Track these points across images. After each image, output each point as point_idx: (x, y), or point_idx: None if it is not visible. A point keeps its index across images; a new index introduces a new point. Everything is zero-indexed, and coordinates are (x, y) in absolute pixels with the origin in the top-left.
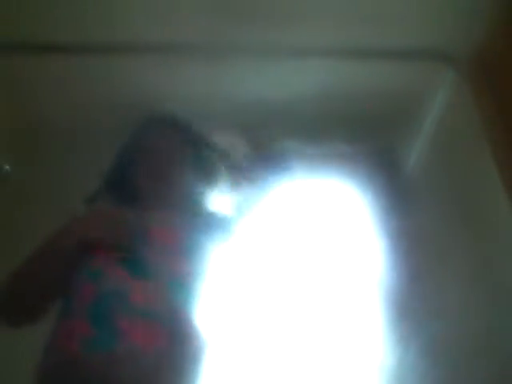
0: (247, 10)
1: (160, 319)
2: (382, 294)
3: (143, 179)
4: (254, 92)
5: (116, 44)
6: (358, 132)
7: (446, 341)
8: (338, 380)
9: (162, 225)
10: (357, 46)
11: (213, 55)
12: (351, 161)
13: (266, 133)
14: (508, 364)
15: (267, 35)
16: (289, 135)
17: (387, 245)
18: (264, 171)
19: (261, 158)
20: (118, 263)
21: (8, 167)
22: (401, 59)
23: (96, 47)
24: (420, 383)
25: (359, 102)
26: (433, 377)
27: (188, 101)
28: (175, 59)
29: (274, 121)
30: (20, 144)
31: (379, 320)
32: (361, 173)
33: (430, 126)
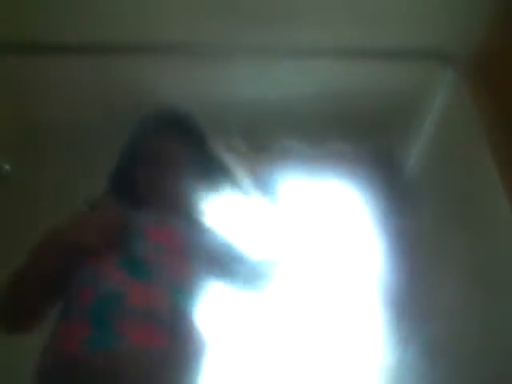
0: (247, 10)
1: (160, 320)
2: (382, 294)
3: (143, 181)
4: (254, 92)
5: (116, 44)
6: (358, 132)
7: (446, 341)
8: (338, 380)
9: (162, 226)
10: (356, 47)
11: (213, 55)
12: (351, 161)
13: (266, 132)
14: (508, 364)
15: (267, 35)
16: (288, 135)
17: (387, 245)
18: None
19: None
20: (117, 264)
21: (8, 167)
22: (400, 59)
23: (96, 47)
24: (419, 383)
25: (359, 102)
26: (432, 377)
27: (188, 101)
28: (175, 59)
29: (274, 121)
30: (20, 144)
31: (378, 320)
32: (360, 173)
33: (430, 126)
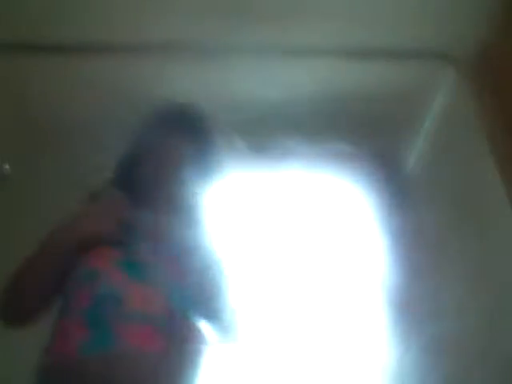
0: (247, 10)
1: (157, 323)
2: (383, 293)
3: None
4: (254, 92)
5: (116, 44)
6: (358, 132)
7: (449, 340)
8: (340, 379)
9: (162, 226)
10: (357, 46)
11: (212, 55)
12: (351, 160)
13: (266, 132)
14: (508, 364)
15: (267, 35)
16: (289, 135)
17: (388, 244)
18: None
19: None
20: (117, 264)
21: (8, 167)
22: (402, 59)
23: (96, 47)
24: (421, 382)
25: (359, 102)
26: (434, 376)
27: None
28: (175, 59)
29: (274, 120)
30: (20, 144)
31: (381, 319)
32: (361, 172)
33: (430, 126)
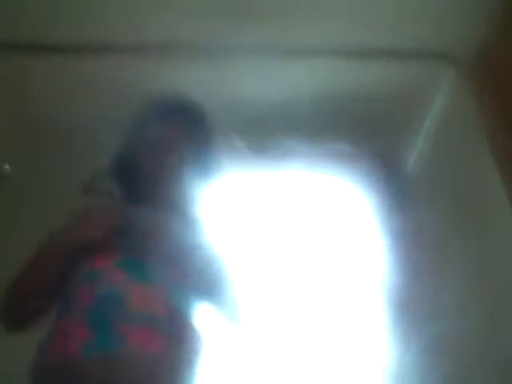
0: (247, 10)
1: (158, 324)
2: (383, 293)
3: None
4: (253, 92)
5: (115, 44)
6: (358, 132)
7: (449, 340)
8: (340, 379)
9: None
10: (357, 46)
11: (212, 55)
12: (351, 160)
13: (266, 132)
14: (508, 364)
15: (267, 35)
16: (288, 135)
17: (387, 244)
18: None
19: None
20: (117, 264)
21: (8, 167)
22: (402, 59)
23: (95, 47)
24: (421, 382)
25: (359, 102)
26: (434, 376)
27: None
28: (175, 59)
29: (274, 120)
30: (20, 144)
31: (381, 319)
32: (361, 172)
33: (430, 126)
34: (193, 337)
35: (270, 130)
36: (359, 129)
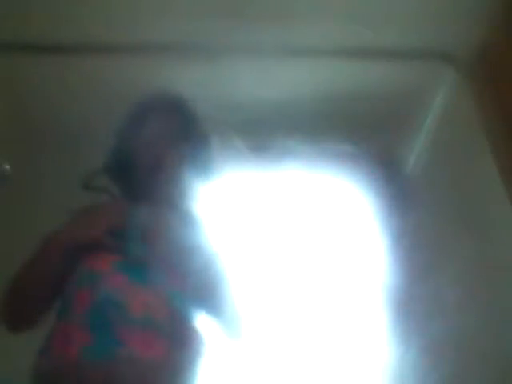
0: (246, 10)
1: (159, 328)
2: (383, 293)
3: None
4: (253, 92)
5: (116, 44)
6: (359, 132)
7: (449, 340)
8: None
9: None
10: (356, 46)
11: (212, 55)
12: (351, 161)
13: (266, 132)
14: (508, 364)
15: (267, 35)
16: (288, 135)
17: (387, 244)
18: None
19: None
20: (116, 267)
21: (8, 167)
22: (401, 59)
23: (96, 47)
24: (421, 382)
25: (359, 102)
26: (434, 376)
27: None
28: (174, 59)
29: (274, 120)
30: (20, 144)
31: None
32: (361, 172)
33: (430, 126)
34: (194, 340)
35: (270, 130)
36: (359, 129)
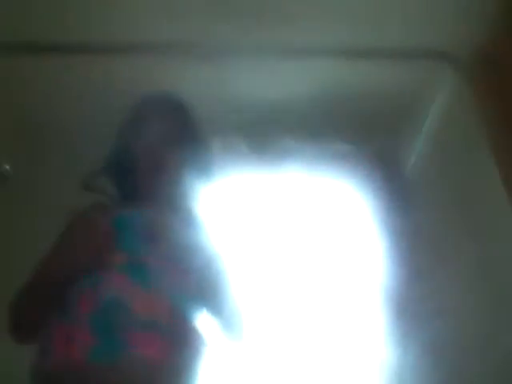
0: (247, 10)
1: (162, 330)
2: (383, 293)
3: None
4: (254, 92)
5: (116, 44)
6: (358, 132)
7: (449, 340)
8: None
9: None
10: (356, 46)
11: (212, 55)
12: (351, 160)
13: (265, 132)
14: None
15: (267, 35)
16: (288, 135)
17: (387, 245)
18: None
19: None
20: (120, 269)
21: (8, 167)
22: (401, 59)
23: (96, 47)
24: (421, 382)
25: (359, 102)
26: (433, 377)
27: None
28: (175, 59)
29: (274, 120)
30: (20, 144)
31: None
32: (360, 173)
33: (430, 126)
34: (197, 341)
35: (270, 130)
36: (359, 129)
